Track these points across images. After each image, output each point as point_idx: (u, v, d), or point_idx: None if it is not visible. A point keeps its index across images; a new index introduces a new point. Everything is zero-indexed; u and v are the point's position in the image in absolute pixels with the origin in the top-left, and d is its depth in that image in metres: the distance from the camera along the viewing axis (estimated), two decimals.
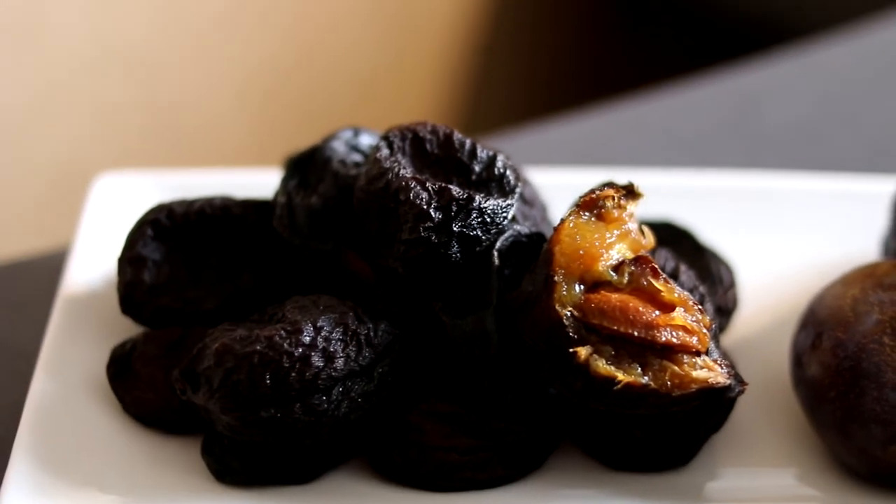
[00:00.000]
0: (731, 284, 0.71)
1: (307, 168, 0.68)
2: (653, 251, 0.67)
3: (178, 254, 0.68)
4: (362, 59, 1.68)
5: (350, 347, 0.61)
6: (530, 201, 0.69)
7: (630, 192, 0.63)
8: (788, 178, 0.81)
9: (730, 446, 0.67)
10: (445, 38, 1.73)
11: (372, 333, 0.62)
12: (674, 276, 0.66)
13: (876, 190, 0.77)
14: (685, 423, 0.64)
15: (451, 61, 1.73)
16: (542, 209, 0.70)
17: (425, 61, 1.75)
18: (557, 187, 0.74)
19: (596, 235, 0.61)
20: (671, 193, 0.78)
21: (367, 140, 0.69)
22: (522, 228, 0.64)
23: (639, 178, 0.74)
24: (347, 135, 0.68)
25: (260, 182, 0.73)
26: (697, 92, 0.94)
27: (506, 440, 0.62)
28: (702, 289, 0.65)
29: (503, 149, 0.67)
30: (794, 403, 0.67)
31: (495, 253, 0.62)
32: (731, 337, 0.71)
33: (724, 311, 0.71)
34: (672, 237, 0.73)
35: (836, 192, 0.80)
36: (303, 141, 1.64)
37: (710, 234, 0.75)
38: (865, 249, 0.75)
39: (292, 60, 1.61)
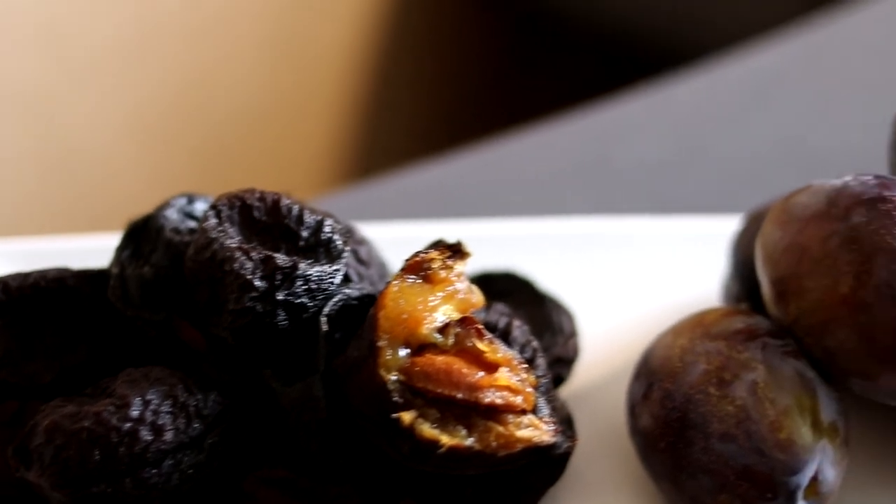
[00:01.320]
0: (572, 333, 0.72)
1: (141, 237, 0.68)
2: (489, 306, 0.67)
3: (14, 328, 0.67)
4: (256, 87, 1.68)
5: (179, 419, 0.61)
6: (367, 261, 0.69)
7: (457, 252, 0.63)
8: (632, 222, 0.81)
9: (569, 498, 0.67)
10: (341, 67, 1.73)
11: (202, 404, 0.62)
12: (506, 332, 0.66)
13: (718, 231, 0.77)
14: (519, 479, 0.64)
15: (346, 90, 1.73)
16: (381, 267, 0.70)
17: (321, 89, 1.75)
18: (404, 241, 0.74)
19: (420, 298, 0.61)
20: (515, 242, 0.78)
21: (201, 207, 0.69)
22: (353, 292, 0.64)
23: (482, 228, 0.75)
24: (181, 202, 0.68)
25: (107, 247, 0.73)
26: (552, 133, 0.95)
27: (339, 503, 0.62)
28: (535, 343, 0.66)
29: (335, 210, 0.67)
30: (633, 453, 0.67)
31: (323, 319, 0.62)
32: (572, 386, 0.71)
33: (564, 361, 0.71)
34: (513, 288, 0.74)
35: (678, 234, 0.80)
36: (197, 172, 1.63)
37: (553, 282, 0.75)
38: (708, 293, 0.75)
39: (184, 92, 1.60)
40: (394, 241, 0.74)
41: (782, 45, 1.05)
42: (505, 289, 0.74)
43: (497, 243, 0.78)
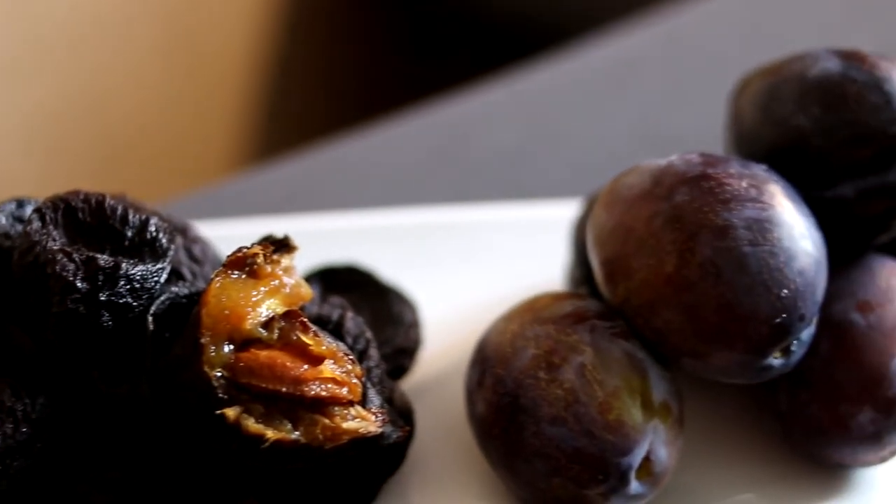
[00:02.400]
0: (414, 324, 0.72)
1: None
2: (325, 299, 0.67)
3: None
4: (149, 90, 1.67)
5: (6, 425, 0.61)
6: (201, 259, 0.69)
7: (284, 246, 0.63)
8: (477, 210, 0.81)
9: (411, 488, 0.67)
10: (235, 67, 1.73)
11: (29, 409, 0.62)
12: (340, 324, 0.66)
13: (562, 215, 0.78)
14: (359, 470, 0.64)
15: (241, 90, 1.72)
16: (216, 264, 0.70)
17: (215, 90, 1.74)
18: (251, 238, 0.73)
19: (242, 294, 0.61)
20: (360, 234, 0.78)
21: (30, 210, 0.68)
22: (181, 290, 0.64)
23: (326, 221, 0.75)
24: (10, 207, 0.68)
25: None
26: (407, 125, 0.95)
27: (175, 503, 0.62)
28: (368, 335, 0.66)
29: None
30: (473, 440, 0.67)
31: (150, 318, 0.62)
32: (415, 376, 0.71)
33: (406, 351, 0.71)
34: (355, 281, 0.74)
35: (524, 220, 0.80)
36: (90, 177, 1.61)
37: (397, 273, 0.75)
38: (553, 279, 0.76)
39: (75, 98, 1.59)
40: (243, 238, 0.74)
41: (637, 32, 1.05)
42: (347, 282, 0.74)
43: (342, 236, 0.78)
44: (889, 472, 0.70)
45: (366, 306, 0.73)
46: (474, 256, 0.79)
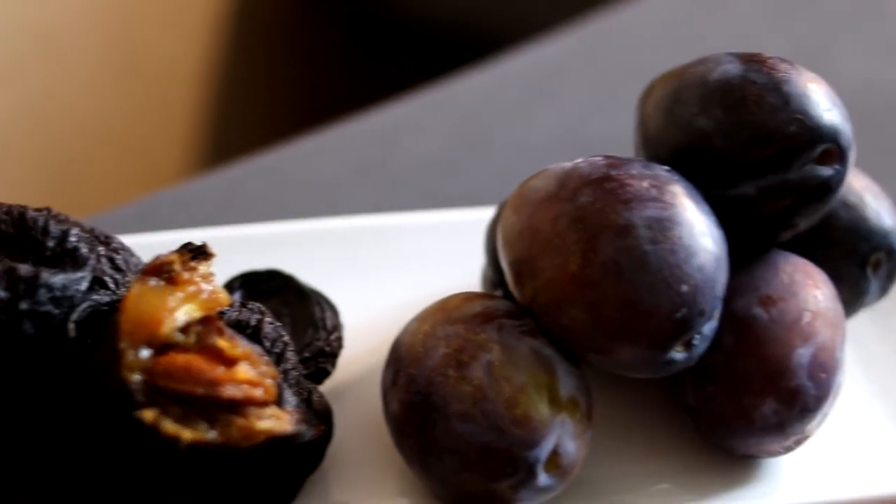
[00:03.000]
0: (335, 328, 0.74)
1: None
2: (245, 304, 0.69)
3: None
4: (99, 103, 1.67)
5: None
6: (123, 268, 0.70)
7: (201, 253, 0.65)
8: (398, 217, 0.84)
9: (330, 487, 0.69)
10: (184, 76, 1.74)
11: None
12: (258, 328, 0.68)
13: (481, 221, 0.80)
14: (278, 470, 0.66)
15: (189, 100, 1.73)
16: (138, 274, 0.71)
17: (164, 100, 1.75)
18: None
19: (160, 300, 0.63)
20: (284, 242, 0.80)
21: None
22: (102, 298, 0.65)
23: (249, 230, 0.77)
24: None
25: None
26: (335, 134, 0.97)
27: None
28: (285, 338, 0.68)
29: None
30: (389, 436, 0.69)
31: (71, 325, 0.64)
32: (335, 379, 0.73)
33: (328, 355, 0.73)
34: (278, 286, 0.76)
35: (443, 226, 0.82)
36: (41, 191, 1.61)
37: (319, 279, 0.77)
38: (471, 282, 0.78)
39: (23, 112, 1.60)
40: (169, 248, 0.75)
41: (562, 38, 1.08)
42: (269, 287, 0.76)
43: (266, 245, 0.80)
44: (796, 460, 0.72)
45: (287, 311, 0.75)
46: (395, 262, 0.82)
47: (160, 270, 0.64)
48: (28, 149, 1.64)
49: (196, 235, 0.73)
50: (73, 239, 0.66)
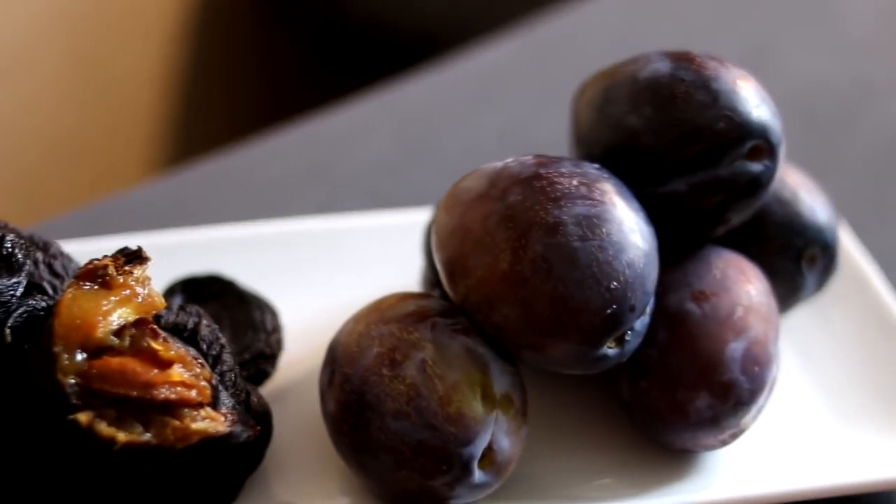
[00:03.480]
0: (274, 329, 0.75)
1: None
2: (185, 307, 0.69)
3: None
4: (57, 107, 1.68)
5: None
6: (61, 274, 0.71)
7: (136, 258, 0.66)
8: (339, 219, 0.84)
9: (270, 486, 0.69)
10: (143, 82, 1.74)
11: None
12: (195, 331, 0.68)
13: (420, 221, 0.80)
14: (218, 470, 0.66)
15: (149, 104, 1.74)
16: None
17: (124, 105, 1.75)
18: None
19: (93, 304, 0.63)
20: (225, 246, 0.81)
21: None
22: (38, 302, 0.66)
23: (190, 235, 0.77)
24: None
25: None
26: (283, 138, 0.97)
27: None
28: (222, 340, 0.68)
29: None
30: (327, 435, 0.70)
31: (7, 330, 0.64)
32: (275, 380, 0.74)
33: (268, 357, 0.74)
34: (218, 290, 0.76)
35: (383, 227, 0.83)
36: (3, 193, 1.61)
37: (260, 282, 0.77)
38: (410, 282, 0.78)
39: None
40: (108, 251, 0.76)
41: (505, 43, 1.08)
42: (209, 291, 0.76)
43: (207, 249, 0.81)
44: (733, 454, 0.73)
45: (227, 314, 0.76)
46: (335, 264, 0.82)
47: (94, 275, 0.65)
48: None
49: (138, 241, 0.74)
50: (7, 245, 0.67)
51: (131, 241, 0.74)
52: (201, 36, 1.75)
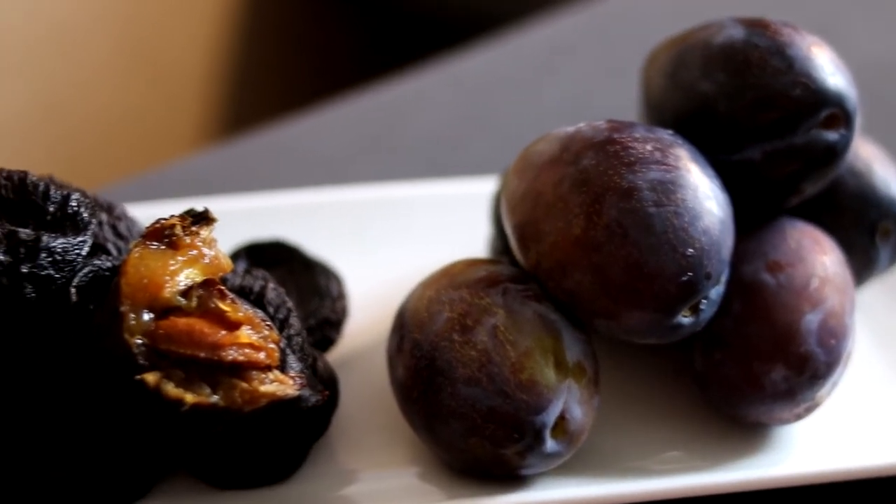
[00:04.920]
0: (340, 296, 0.73)
1: None
2: (250, 271, 0.69)
3: None
4: (111, 92, 1.67)
5: None
6: (126, 235, 0.70)
7: (202, 218, 0.65)
8: (402, 187, 0.83)
9: (336, 453, 0.68)
10: (194, 67, 1.73)
11: None
12: (261, 294, 0.67)
13: (485, 191, 0.79)
14: (284, 435, 0.65)
15: (200, 89, 1.73)
16: None
17: (176, 90, 1.74)
18: None
19: (161, 263, 0.62)
20: (289, 213, 0.80)
21: None
22: (104, 262, 0.65)
23: (255, 201, 0.76)
24: None
25: None
26: (343, 109, 0.96)
27: (103, 471, 0.63)
28: (289, 304, 0.67)
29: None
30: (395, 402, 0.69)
31: (72, 289, 0.63)
32: (341, 347, 0.73)
33: (333, 323, 0.73)
34: (282, 256, 0.75)
35: (449, 196, 0.82)
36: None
37: (324, 249, 0.76)
38: (476, 251, 0.77)
39: (35, 104, 1.59)
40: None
41: (566, 17, 1.07)
42: (273, 257, 0.75)
43: (271, 215, 0.80)
44: (806, 429, 0.71)
45: (292, 280, 0.74)
46: (400, 232, 0.81)
47: (161, 234, 0.64)
48: (40, 136, 1.64)
49: (202, 206, 0.73)
50: (73, 204, 0.66)
51: (193, 205, 0.74)
52: (254, 12, 1.74)
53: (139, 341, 0.61)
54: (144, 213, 0.72)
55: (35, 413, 0.64)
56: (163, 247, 0.64)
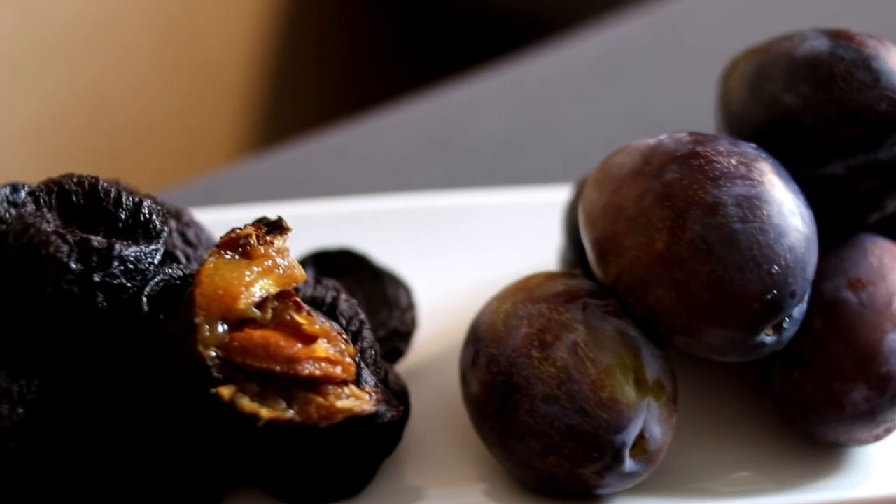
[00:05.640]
0: (409, 307, 0.72)
1: None
2: (320, 281, 0.67)
3: None
4: (152, 91, 1.67)
5: (2, 406, 0.61)
6: (195, 243, 0.69)
7: (277, 228, 0.63)
8: (469, 195, 0.82)
9: (407, 468, 0.67)
10: (237, 66, 1.73)
11: (25, 390, 0.62)
12: (334, 305, 0.66)
13: (556, 200, 0.78)
14: (355, 450, 0.64)
15: (243, 88, 1.72)
16: (210, 248, 0.70)
17: (217, 90, 1.74)
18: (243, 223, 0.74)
19: (236, 274, 0.61)
20: (355, 219, 0.78)
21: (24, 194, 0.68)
22: (175, 271, 0.64)
23: (320, 207, 0.75)
24: (4, 191, 0.68)
25: None
26: (402, 114, 0.95)
27: (171, 484, 0.62)
28: (362, 316, 0.66)
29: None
30: (468, 417, 0.67)
31: (144, 299, 0.62)
32: (410, 359, 0.71)
33: (402, 334, 0.71)
34: (350, 264, 0.74)
35: (517, 205, 0.80)
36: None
37: (391, 257, 0.75)
38: (546, 262, 0.76)
39: (77, 99, 1.59)
40: (240, 223, 0.74)
41: (627, 21, 1.05)
42: (342, 266, 0.74)
43: (337, 222, 0.79)
44: (885, 450, 0.70)
45: (360, 290, 0.73)
46: (468, 241, 0.80)
47: (236, 244, 0.63)
48: (84, 132, 1.63)
49: (265, 211, 0.72)
50: (145, 211, 0.65)
51: (257, 212, 0.72)
52: (297, 14, 1.73)
53: (213, 353, 0.60)
54: (207, 219, 0.71)
55: (105, 425, 0.63)
56: (237, 257, 0.62)
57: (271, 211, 0.72)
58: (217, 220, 0.72)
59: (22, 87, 1.55)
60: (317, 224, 0.77)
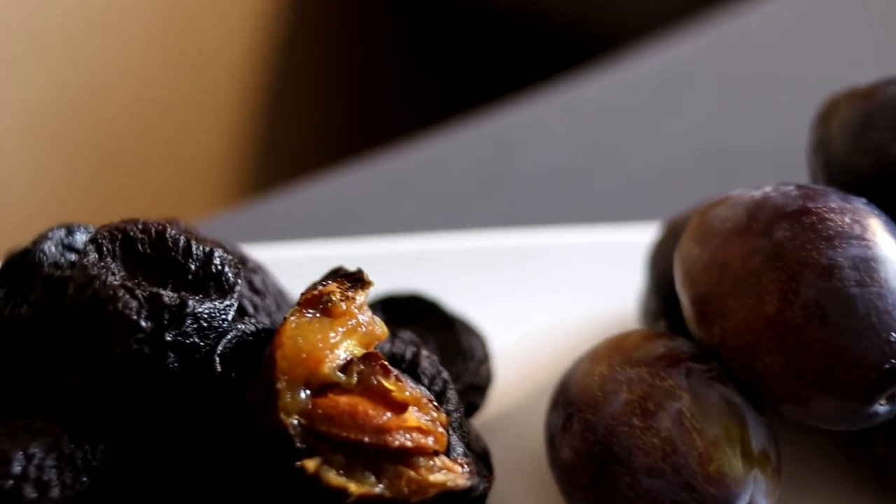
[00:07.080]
0: (485, 358, 0.68)
1: (17, 274, 0.62)
2: (394, 334, 0.63)
3: None
4: (146, 88, 1.63)
5: (66, 474, 0.57)
6: (262, 291, 0.65)
7: (358, 281, 0.59)
8: (541, 234, 0.77)
9: None
10: (233, 66, 1.69)
11: (89, 455, 0.58)
12: (414, 363, 0.62)
13: (633, 240, 0.74)
14: None
15: (239, 89, 1.69)
16: (278, 296, 0.66)
17: (213, 88, 1.70)
18: (301, 263, 0.69)
19: (319, 335, 0.57)
20: (417, 259, 0.74)
21: (81, 238, 0.64)
22: (248, 326, 0.59)
23: (380, 245, 0.70)
24: (59, 234, 0.63)
25: None
26: (453, 140, 0.90)
27: None
28: (445, 375, 0.62)
29: (229, 228, 0.62)
30: (554, 485, 0.63)
31: (217, 359, 0.58)
32: (486, 414, 0.67)
33: (478, 388, 0.67)
34: (419, 311, 0.70)
35: (591, 245, 0.76)
36: (85, 174, 1.58)
37: (459, 301, 0.70)
38: (625, 308, 0.72)
39: (71, 95, 1.55)
40: (290, 262, 0.70)
41: (690, 39, 1.01)
42: (411, 313, 0.70)
43: (398, 261, 0.74)
44: None
45: (432, 339, 0.69)
46: (538, 283, 0.75)
47: (318, 301, 0.58)
48: (79, 124, 1.60)
49: (319, 251, 0.67)
50: (217, 262, 0.60)
51: (313, 251, 0.68)
52: (304, 15, 1.69)
53: (295, 422, 0.56)
54: (259, 256, 0.66)
55: (175, 495, 0.58)
56: (318, 314, 0.58)
57: (326, 250, 0.68)
58: (274, 259, 0.68)
59: (14, 80, 1.51)
60: (372, 264, 0.73)
